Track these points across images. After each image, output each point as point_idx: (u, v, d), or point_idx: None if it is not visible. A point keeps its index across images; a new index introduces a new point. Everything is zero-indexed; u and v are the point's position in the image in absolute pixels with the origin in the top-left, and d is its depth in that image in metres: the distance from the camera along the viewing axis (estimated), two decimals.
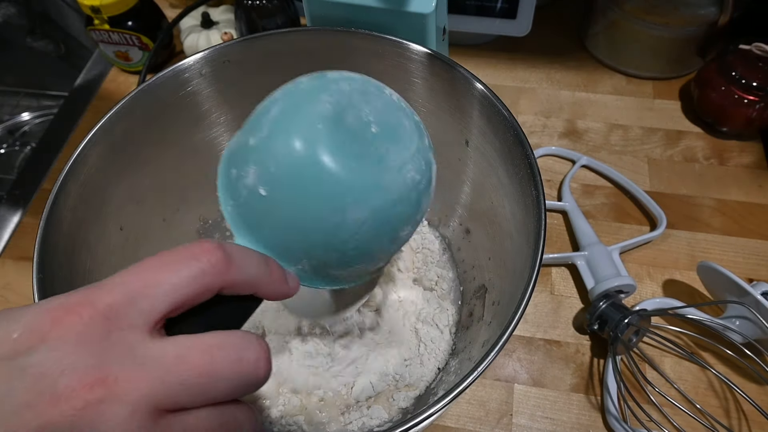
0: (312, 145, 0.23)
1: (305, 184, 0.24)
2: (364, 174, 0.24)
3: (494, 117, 0.36)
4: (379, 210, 0.24)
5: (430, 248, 0.47)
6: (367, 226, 0.24)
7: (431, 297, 0.44)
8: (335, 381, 0.40)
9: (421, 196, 0.26)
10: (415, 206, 0.26)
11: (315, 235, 0.25)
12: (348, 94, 0.25)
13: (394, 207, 0.25)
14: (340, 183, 0.23)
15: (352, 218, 0.24)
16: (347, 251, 0.25)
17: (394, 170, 0.25)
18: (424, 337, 0.42)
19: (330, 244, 0.25)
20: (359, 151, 0.24)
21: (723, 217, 0.52)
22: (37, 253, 0.31)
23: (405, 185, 0.25)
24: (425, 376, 0.41)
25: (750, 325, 0.42)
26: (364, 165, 0.24)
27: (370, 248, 0.26)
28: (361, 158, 0.24)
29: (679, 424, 0.41)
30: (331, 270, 0.27)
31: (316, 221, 0.24)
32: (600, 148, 0.58)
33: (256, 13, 0.59)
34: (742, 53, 0.54)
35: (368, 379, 0.40)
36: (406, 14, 0.44)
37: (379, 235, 0.25)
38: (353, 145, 0.24)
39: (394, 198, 0.25)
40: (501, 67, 0.65)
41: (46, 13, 0.81)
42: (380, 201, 0.24)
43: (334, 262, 0.26)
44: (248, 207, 0.25)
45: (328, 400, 0.40)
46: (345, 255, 0.25)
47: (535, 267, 0.30)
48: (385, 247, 0.27)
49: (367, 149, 0.24)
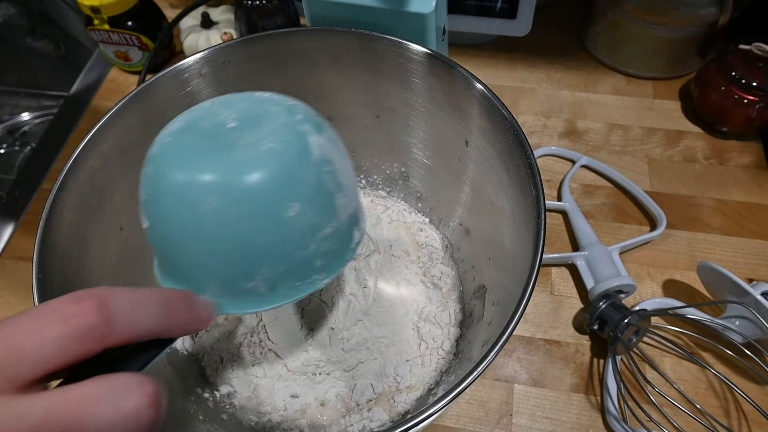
0: (160, 161, 0.24)
1: (162, 199, 0.24)
2: (209, 162, 0.24)
3: (494, 117, 0.36)
4: (249, 189, 0.23)
5: (434, 245, 0.47)
6: (248, 209, 0.23)
7: (434, 295, 0.44)
8: (336, 384, 0.40)
9: (294, 163, 0.24)
10: (291, 176, 0.24)
11: (204, 246, 0.24)
12: (208, 108, 0.26)
13: (267, 184, 0.23)
14: (193, 184, 0.23)
15: (221, 209, 0.23)
16: (248, 248, 0.24)
17: (246, 147, 0.24)
18: (425, 336, 0.42)
19: (227, 249, 0.24)
20: (207, 146, 0.24)
21: (723, 217, 0.52)
22: (37, 253, 0.31)
23: (261, 158, 0.24)
24: (426, 377, 0.40)
25: (750, 325, 0.42)
26: (208, 155, 0.24)
27: (266, 231, 0.24)
28: (206, 151, 0.24)
29: (679, 425, 0.41)
30: (257, 279, 0.25)
31: (195, 232, 0.24)
32: (600, 148, 0.58)
33: (256, 13, 0.59)
34: (742, 53, 0.54)
35: (368, 381, 0.40)
36: (406, 14, 0.44)
37: (267, 214, 0.24)
38: (203, 142, 0.24)
39: (257, 174, 0.23)
40: (501, 67, 0.65)
41: (46, 13, 0.81)
42: (239, 179, 0.23)
43: (249, 266, 0.25)
44: (152, 244, 0.25)
45: (329, 403, 0.40)
46: (250, 254, 0.24)
47: (535, 267, 0.30)
48: (287, 225, 0.24)
49: (215, 142, 0.24)
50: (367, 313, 0.42)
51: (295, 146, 0.25)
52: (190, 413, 0.37)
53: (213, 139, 0.24)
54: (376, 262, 0.44)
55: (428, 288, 0.44)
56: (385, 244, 0.46)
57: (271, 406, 0.40)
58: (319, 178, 0.25)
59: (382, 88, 0.42)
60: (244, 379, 0.41)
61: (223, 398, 0.41)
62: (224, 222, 0.23)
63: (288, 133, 0.25)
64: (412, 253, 0.46)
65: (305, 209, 0.25)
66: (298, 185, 0.24)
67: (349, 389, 0.40)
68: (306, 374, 0.41)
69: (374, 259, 0.44)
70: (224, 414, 0.40)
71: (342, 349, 0.40)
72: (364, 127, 0.47)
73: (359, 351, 0.41)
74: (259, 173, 0.23)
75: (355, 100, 0.44)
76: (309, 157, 0.25)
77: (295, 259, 0.25)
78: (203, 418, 0.38)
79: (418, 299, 0.44)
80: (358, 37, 0.40)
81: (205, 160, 0.24)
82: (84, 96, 0.66)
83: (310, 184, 0.25)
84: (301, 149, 0.25)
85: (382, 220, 0.48)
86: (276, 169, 0.24)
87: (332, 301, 0.41)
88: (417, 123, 0.44)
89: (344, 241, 0.27)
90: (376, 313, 0.42)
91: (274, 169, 0.24)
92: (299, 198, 0.24)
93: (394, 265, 0.45)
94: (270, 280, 0.25)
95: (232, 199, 0.23)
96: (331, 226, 0.26)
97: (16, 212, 0.57)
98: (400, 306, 0.43)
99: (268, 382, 0.41)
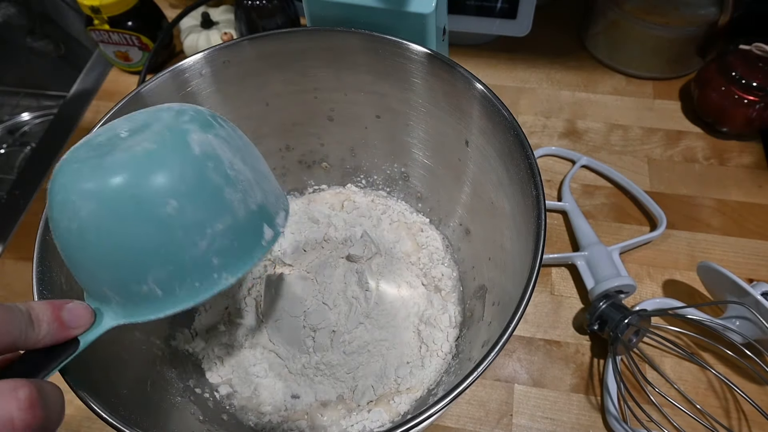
0: (54, 176, 0.25)
1: (51, 213, 0.25)
2: (86, 170, 0.24)
3: (494, 117, 0.36)
4: (119, 190, 0.24)
5: (434, 245, 0.47)
6: (123, 210, 0.24)
7: (435, 298, 0.44)
8: (337, 385, 0.40)
9: (168, 160, 0.25)
10: (165, 172, 0.24)
11: (91, 253, 0.25)
12: (111, 124, 0.27)
13: (137, 183, 0.24)
14: (71, 192, 0.24)
15: (98, 213, 0.24)
16: (131, 249, 0.24)
17: (122, 151, 0.25)
18: (426, 338, 0.42)
19: (111, 252, 0.24)
20: (90, 156, 0.25)
21: (723, 217, 0.52)
22: (37, 253, 0.31)
23: (133, 158, 0.24)
24: (426, 378, 0.40)
25: (750, 325, 0.42)
26: (88, 163, 0.25)
27: (146, 230, 0.24)
28: (87, 160, 0.25)
29: (679, 425, 0.41)
30: (148, 282, 0.25)
31: (80, 240, 0.25)
32: (600, 148, 0.58)
33: (256, 13, 0.59)
34: (742, 53, 0.54)
35: (369, 383, 0.40)
36: (406, 14, 0.44)
37: (143, 213, 0.24)
38: (90, 153, 0.25)
39: (123, 174, 0.24)
40: (501, 67, 0.65)
41: (46, 13, 0.81)
42: (108, 181, 0.24)
43: (136, 269, 0.25)
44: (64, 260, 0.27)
45: (329, 404, 0.40)
46: (134, 256, 0.25)
47: (535, 267, 0.30)
48: (166, 223, 0.24)
49: (100, 152, 0.25)
50: (368, 316, 0.42)
51: (170, 144, 0.25)
52: (189, 413, 0.37)
53: (99, 149, 0.25)
54: (377, 264, 0.44)
55: (429, 291, 0.44)
56: (387, 246, 0.46)
57: (272, 406, 0.40)
58: (200, 174, 0.25)
59: (382, 89, 0.42)
60: (244, 379, 0.41)
61: (223, 399, 0.41)
62: (103, 225, 0.24)
63: (166, 133, 0.25)
64: (413, 255, 0.46)
65: (185, 205, 0.24)
66: (173, 182, 0.24)
67: (350, 390, 0.40)
68: (307, 375, 0.41)
69: (376, 262, 0.44)
70: (224, 414, 0.40)
71: (343, 352, 0.40)
72: (364, 127, 0.47)
73: (360, 354, 0.40)
74: (126, 173, 0.24)
75: (355, 101, 0.44)
76: (187, 153, 0.25)
77: (185, 258, 0.25)
78: (203, 419, 0.38)
79: (419, 302, 0.44)
80: (358, 37, 0.40)
81: (84, 168, 0.24)
82: (84, 96, 0.66)
83: (188, 180, 0.25)
84: (177, 146, 0.25)
85: (382, 221, 0.48)
86: (146, 167, 0.24)
87: (334, 303, 0.41)
88: (417, 123, 0.44)
89: (247, 237, 0.27)
90: (378, 316, 0.42)
91: (145, 167, 0.24)
92: (176, 195, 0.24)
93: (395, 267, 0.45)
94: (163, 282, 0.25)
95: (105, 202, 0.24)
96: (224, 222, 0.25)
97: (16, 212, 0.57)
98: (402, 309, 0.43)
99: (269, 382, 0.41)
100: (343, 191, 0.51)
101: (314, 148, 0.49)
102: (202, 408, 0.39)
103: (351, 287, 0.42)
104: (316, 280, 0.43)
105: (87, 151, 0.25)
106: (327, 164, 0.51)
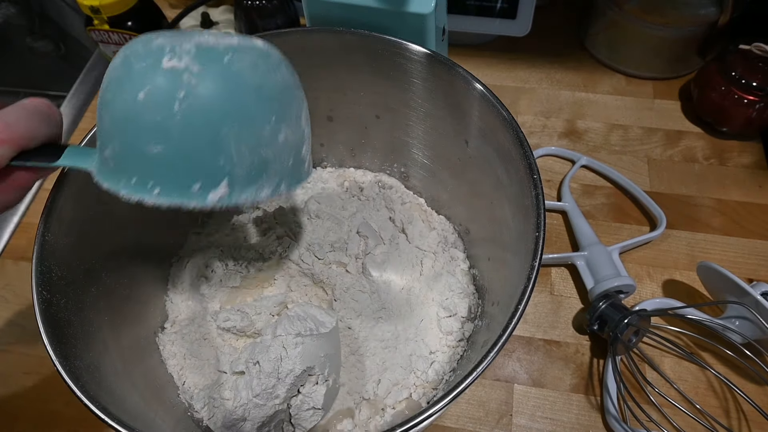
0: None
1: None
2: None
3: (494, 117, 0.36)
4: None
5: (445, 228, 0.47)
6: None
7: (441, 300, 0.43)
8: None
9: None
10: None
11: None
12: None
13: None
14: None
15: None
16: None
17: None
18: (430, 342, 0.41)
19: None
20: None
21: (723, 217, 0.52)
22: (36, 253, 0.31)
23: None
24: (427, 379, 0.40)
25: (750, 326, 0.42)
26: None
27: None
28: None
29: (679, 425, 0.41)
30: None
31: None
32: (600, 148, 0.58)
33: (255, 13, 0.59)
34: (742, 53, 0.54)
35: (370, 384, 0.40)
36: (405, 14, 0.44)
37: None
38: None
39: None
40: (501, 67, 0.65)
41: (46, 13, 0.81)
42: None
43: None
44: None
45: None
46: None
47: (534, 267, 0.30)
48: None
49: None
50: (378, 318, 0.42)
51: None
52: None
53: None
54: (382, 253, 0.44)
55: (436, 290, 0.44)
56: (400, 225, 0.46)
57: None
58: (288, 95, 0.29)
59: (382, 89, 0.42)
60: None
61: None
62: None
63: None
64: (427, 237, 0.46)
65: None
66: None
67: (347, 393, 0.40)
68: None
69: (380, 251, 0.44)
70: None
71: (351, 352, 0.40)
72: (364, 127, 0.47)
73: (364, 355, 0.40)
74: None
75: (355, 101, 0.44)
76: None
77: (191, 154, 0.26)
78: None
79: (426, 301, 0.43)
80: (358, 37, 0.40)
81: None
82: (84, 96, 0.66)
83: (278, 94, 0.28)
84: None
85: (395, 200, 0.48)
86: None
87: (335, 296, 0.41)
88: (417, 123, 0.44)
89: (249, 175, 0.27)
90: (390, 308, 0.42)
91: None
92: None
93: (403, 256, 0.44)
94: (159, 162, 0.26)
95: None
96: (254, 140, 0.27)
97: (17, 212, 0.57)
98: (406, 305, 0.43)
99: None
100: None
101: (314, 148, 0.49)
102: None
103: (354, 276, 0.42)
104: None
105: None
106: (327, 164, 0.51)
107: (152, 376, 0.39)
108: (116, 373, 0.34)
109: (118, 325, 0.37)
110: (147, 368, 0.39)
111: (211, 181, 0.26)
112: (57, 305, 0.31)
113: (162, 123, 0.25)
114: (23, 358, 0.47)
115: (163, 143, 0.25)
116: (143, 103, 0.25)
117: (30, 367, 0.47)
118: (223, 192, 0.26)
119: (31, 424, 0.44)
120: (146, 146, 0.25)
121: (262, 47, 0.28)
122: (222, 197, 0.26)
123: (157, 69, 0.25)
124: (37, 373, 0.46)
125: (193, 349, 0.41)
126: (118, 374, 0.34)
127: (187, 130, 0.25)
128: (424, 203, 0.48)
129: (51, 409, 0.45)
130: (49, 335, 0.29)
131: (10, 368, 0.47)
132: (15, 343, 0.48)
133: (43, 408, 0.45)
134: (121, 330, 0.37)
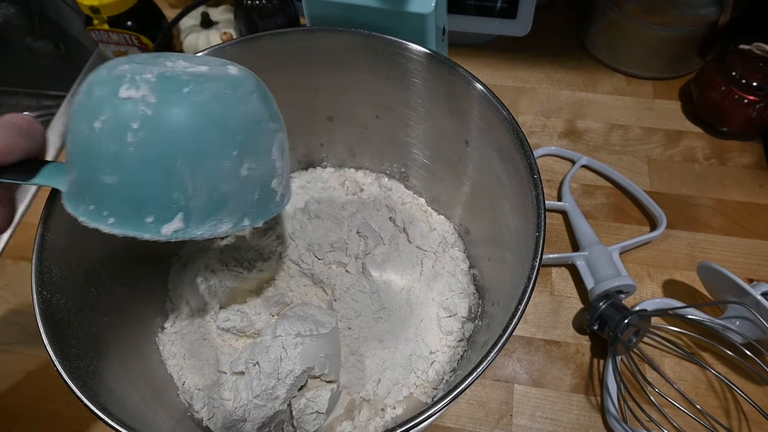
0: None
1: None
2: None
3: (494, 117, 0.36)
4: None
5: (445, 228, 0.47)
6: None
7: (441, 300, 0.43)
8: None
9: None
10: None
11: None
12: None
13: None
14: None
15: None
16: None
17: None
18: (430, 342, 0.41)
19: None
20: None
21: (723, 217, 0.52)
22: (36, 253, 0.31)
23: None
24: (428, 380, 0.40)
25: (750, 326, 0.42)
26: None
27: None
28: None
29: (679, 425, 0.41)
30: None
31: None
32: (600, 148, 0.58)
33: (255, 13, 0.59)
34: (742, 53, 0.54)
35: (370, 385, 0.40)
36: (405, 14, 0.44)
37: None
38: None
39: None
40: (501, 67, 0.65)
41: (46, 13, 0.81)
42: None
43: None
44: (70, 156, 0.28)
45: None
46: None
47: (534, 267, 0.30)
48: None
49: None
50: (378, 319, 0.41)
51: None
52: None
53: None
54: (382, 253, 0.44)
55: (440, 275, 0.44)
56: (401, 225, 0.46)
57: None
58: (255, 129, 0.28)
59: (382, 88, 0.42)
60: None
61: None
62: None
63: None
64: (427, 237, 0.46)
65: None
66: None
67: (347, 393, 0.40)
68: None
69: (380, 251, 0.44)
70: None
71: (352, 354, 0.40)
72: (364, 127, 0.47)
73: (364, 355, 0.40)
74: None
75: (355, 101, 0.44)
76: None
77: (148, 187, 0.26)
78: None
79: (425, 302, 0.43)
80: (358, 37, 0.40)
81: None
82: None
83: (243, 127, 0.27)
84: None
85: (395, 201, 0.48)
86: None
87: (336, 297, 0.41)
88: (417, 123, 0.44)
89: (208, 208, 0.27)
90: (390, 308, 0.42)
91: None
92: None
93: (404, 256, 0.44)
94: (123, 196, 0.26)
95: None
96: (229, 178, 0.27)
97: (16, 212, 0.57)
98: (405, 305, 0.43)
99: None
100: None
101: (314, 148, 0.49)
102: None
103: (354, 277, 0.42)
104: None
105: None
106: (327, 164, 0.51)
107: (152, 376, 0.39)
108: (116, 373, 0.34)
109: (118, 325, 0.37)
110: (147, 368, 0.39)
111: (165, 214, 0.26)
112: (57, 305, 0.31)
113: (116, 153, 0.25)
114: (23, 358, 0.47)
115: (117, 174, 0.25)
116: (99, 132, 0.25)
117: (30, 367, 0.47)
118: (178, 226, 0.26)
119: (31, 424, 0.44)
120: (102, 176, 0.25)
121: (235, 76, 0.27)
122: (177, 230, 0.26)
123: (114, 98, 0.25)
124: (37, 373, 0.46)
125: (192, 350, 0.41)
126: (118, 374, 0.34)
127: (140, 162, 0.25)
128: (424, 203, 0.48)
129: (51, 409, 0.45)
130: (49, 335, 0.29)
131: (10, 368, 0.47)
132: (15, 343, 0.48)
133: (43, 408, 0.45)
134: (120, 330, 0.37)
